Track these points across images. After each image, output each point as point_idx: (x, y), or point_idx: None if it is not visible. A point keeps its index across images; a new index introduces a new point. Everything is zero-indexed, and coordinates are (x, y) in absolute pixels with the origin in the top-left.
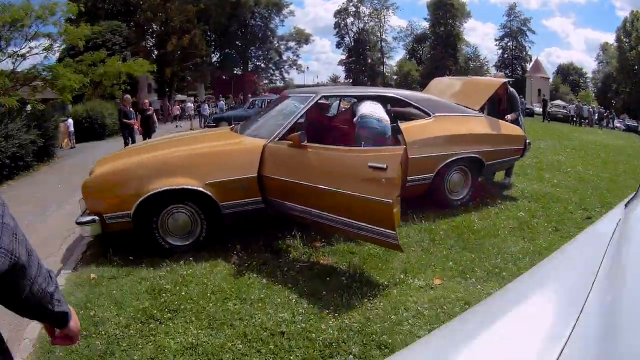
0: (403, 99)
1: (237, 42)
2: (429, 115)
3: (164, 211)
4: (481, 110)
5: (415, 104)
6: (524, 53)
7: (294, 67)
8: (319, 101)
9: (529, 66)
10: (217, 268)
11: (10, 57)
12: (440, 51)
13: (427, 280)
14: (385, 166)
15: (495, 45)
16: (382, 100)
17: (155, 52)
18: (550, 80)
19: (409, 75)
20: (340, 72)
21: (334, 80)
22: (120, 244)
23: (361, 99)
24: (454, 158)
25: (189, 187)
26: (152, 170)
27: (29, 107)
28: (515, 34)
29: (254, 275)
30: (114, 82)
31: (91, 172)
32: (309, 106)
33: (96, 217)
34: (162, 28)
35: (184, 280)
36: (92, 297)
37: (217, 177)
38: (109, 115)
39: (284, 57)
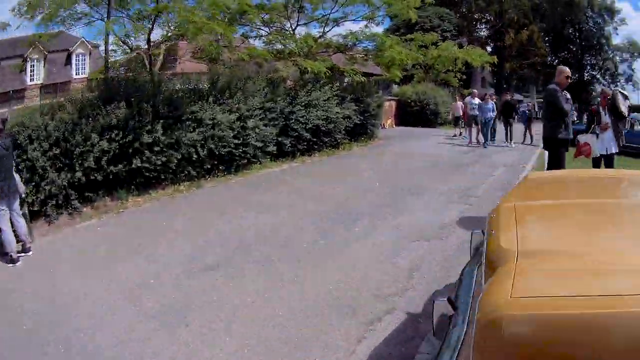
0: None
1: (572, 47)
2: None
3: None
4: None
5: None
6: None
7: (631, 82)
8: None
9: None
10: None
11: (317, 21)
12: None
13: None
14: None
15: None
16: None
17: (491, 45)
18: None
19: None
20: None
21: None
22: None
23: None
24: None
25: None
26: None
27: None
28: None
29: None
30: (449, 68)
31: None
32: None
33: None
34: (497, 20)
35: None
36: None
37: None
38: (442, 103)
39: (620, 70)
